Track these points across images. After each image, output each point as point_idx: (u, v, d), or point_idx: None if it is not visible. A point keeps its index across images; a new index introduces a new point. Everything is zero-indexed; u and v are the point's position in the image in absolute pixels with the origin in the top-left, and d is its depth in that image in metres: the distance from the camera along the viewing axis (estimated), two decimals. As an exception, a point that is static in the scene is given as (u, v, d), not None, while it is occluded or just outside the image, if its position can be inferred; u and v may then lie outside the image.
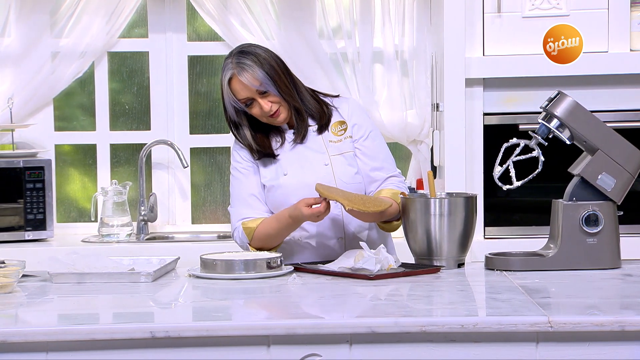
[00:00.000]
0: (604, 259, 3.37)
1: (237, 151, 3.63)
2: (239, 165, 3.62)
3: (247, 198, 3.59)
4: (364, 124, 3.64)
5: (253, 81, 3.46)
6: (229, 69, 3.49)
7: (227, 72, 3.49)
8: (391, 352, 2.64)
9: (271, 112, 3.50)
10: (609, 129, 3.41)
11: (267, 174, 3.59)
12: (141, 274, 3.23)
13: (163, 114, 5.16)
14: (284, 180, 3.56)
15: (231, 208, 3.63)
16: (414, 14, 4.96)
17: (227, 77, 3.49)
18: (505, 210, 4.68)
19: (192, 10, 5.11)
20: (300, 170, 3.56)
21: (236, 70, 3.47)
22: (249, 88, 3.47)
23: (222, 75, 3.51)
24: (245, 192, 3.60)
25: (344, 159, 3.59)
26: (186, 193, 5.18)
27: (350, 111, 3.64)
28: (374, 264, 3.27)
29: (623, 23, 4.57)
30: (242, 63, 3.48)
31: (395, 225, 3.59)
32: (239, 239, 3.59)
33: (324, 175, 3.54)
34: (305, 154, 3.58)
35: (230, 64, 3.49)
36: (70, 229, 5.13)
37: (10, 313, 2.84)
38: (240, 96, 3.49)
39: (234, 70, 3.47)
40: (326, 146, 3.60)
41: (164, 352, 2.62)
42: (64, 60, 5.01)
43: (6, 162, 4.76)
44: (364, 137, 3.62)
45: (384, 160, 3.64)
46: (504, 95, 4.64)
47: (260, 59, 3.48)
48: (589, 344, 2.64)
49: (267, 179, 3.58)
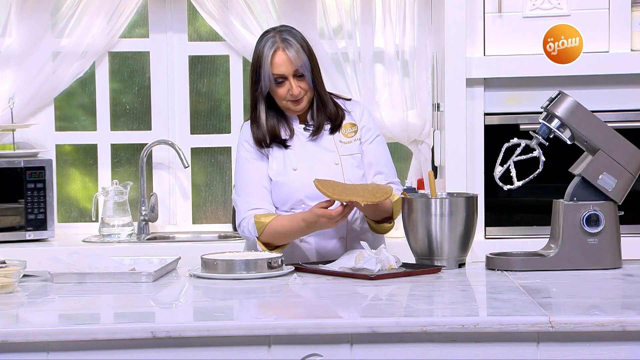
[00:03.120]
0: (604, 259, 3.37)
1: (247, 141, 3.61)
2: (248, 155, 3.60)
3: (257, 188, 3.56)
4: (372, 128, 3.67)
5: (297, 60, 3.48)
6: (273, 42, 3.49)
7: (271, 45, 3.49)
8: (392, 352, 2.64)
9: (298, 97, 3.51)
10: (610, 129, 3.42)
11: (275, 166, 3.57)
12: (142, 274, 3.24)
13: (164, 114, 5.16)
14: (293, 175, 3.55)
15: (238, 197, 3.59)
16: (415, 14, 4.96)
17: (271, 48, 3.48)
18: (506, 210, 4.67)
19: (192, 10, 5.10)
20: (310, 166, 3.56)
21: (283, 45, 3.49)
22: (290, 65, 3.48)
23: (262, 47, 3.50)
24: (256, 182, 3.57)
25: (353, 160, 3.60)
26: (187, 193, 5.18)
27: (361, 115, 3.67)
28: (374, 264, 3.28)
29: (624, 23, 4.57)
30: (288, 40, 3.50)
31: (387, 228, 3.59)
32: (247, 230, 3.54)
33: (334, 174, 3.54)
34: (316, 151, 3.59)
35: (273, 37, 3.50)
36: (71, 229, 5.13)
37: (11, 313, 2.84)
38: (277, 71, 3.49)
39: (280, 44, 3.48)
40: (337, 146, 3.61)
41: (165, 352, 2.62)
42: (65, 60, 5.01)
43: (7, 162, 4.76)
44: (369, 141, 3.65)
45: (385, 165, 3.67)
46: (505, 95, 4.64)
47: (304, 43, 3.54)
48: (589, 344, 2.64)
49: (274, 172, 3.57)
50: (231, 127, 5.17)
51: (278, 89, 3.51)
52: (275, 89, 3.51)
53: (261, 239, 3.52)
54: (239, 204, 3.59)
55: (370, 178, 3.63)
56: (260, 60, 3.51)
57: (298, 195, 3.53)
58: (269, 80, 3.50)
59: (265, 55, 3.49)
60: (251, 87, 3.57)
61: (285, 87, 3.50)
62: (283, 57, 3.49)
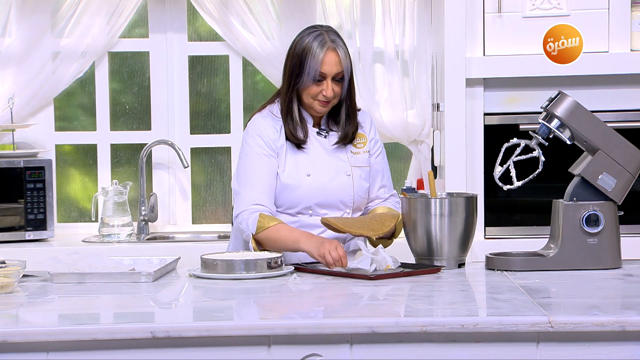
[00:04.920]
0: (604, 259, 3.37)
1: (260, 135, 3.56)
2: (259, 149, 3.55)
3: (264, 184, 3.52)
4: (378, 140, 3.70)
5: (344, 63, 3.51)
6: (323, 40, 3.49)
7: (322, 42, 3.48)
8: (392, 352, 2.64)
9: (328, 99, 3.51)
10: (610, 129, 3.41)
11: (288, 168, 3.54)
12: (142, 274, 3.24)
13: (163, 114, 5.16)
14: (306, 180, 3.54)
15: (241, 188, 3.54)
16: (415, 14, 4.96)
17: (323, 46, 3.48)
18: (506, 210, 4.67)
19: (192, 10, 5.10)
20: (324, 174, 3.54)
21: (334, 45, 3.50)
22: (337, 66, 3.49)
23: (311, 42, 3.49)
24: (264, 177, 3.53)
25: (362, 173, 3.61)
26: (187, 193, 5.18)
27: (370, 126, 3.69)
28: (369, 264, 3.28)
29: (623, 23, 4.57)
30: (338, 42, 3.52)
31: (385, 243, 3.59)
32: (245, 223, 3.49)
33: (344, 186, 3.55)
34: (330, 159, 3.57)
35: (322, 35, 3.50)
36: (70, 229, 5.13)
37: (11, 313, 2.84)
38: (324, 69, 3.49)
39: (331, 43, 3.49)
40: (348, 156, 3.60)
41: (165, 352, 2.62)
42: (64, 60, 5.01)
43: (7, 162, 4.76)
44: (376, 154, 3.66)
45: (387, 179, 3.71)
46: (505, 95, 4.64)
47: (348, 52, 3.55)
48: (589, 344, 2.64)
49: (286, 174, 3.54)
50: (231, 127, 5.17)
51: (314, 86, 3.50)
52: (311, 86, 3.50)
53: (256, 237, 3.50)
54: (241, 194, 3.53)
55: (375, 191, 3.66)
56: (307, 54, 3.49)
57: (309, 202, 3.52)
58: (313, 75, 3.50)
59: (315, 50, 3.48)
60: (289, 79, 3.53)
61: (321, 86, 3.50)
62: (334, 57, 3.49)
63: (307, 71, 3.48)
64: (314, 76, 3.48)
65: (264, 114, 3.61)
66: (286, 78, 3.55)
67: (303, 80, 3.49)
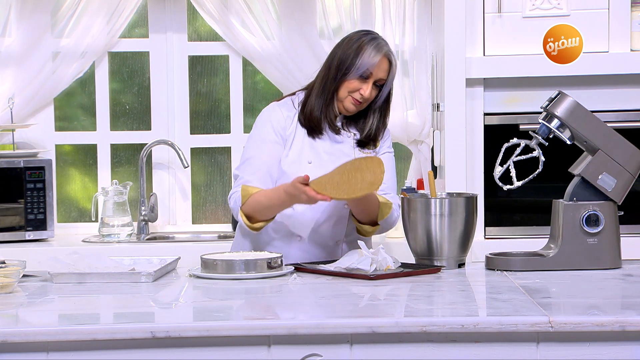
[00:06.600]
0: (604, 259, 3.37)
1: (272, 123, 3.60)
2: (268, 137, 3.58)
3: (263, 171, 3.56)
4: (387, 142, 3.69)
5: (391, 74, 3.55)
6: (380, 45, 3.53)
7: (379, 46, 3.51)
8: (392, 352, 2.64)
9: (363, 100, 3.53)
10: (610, 129, 3.42)
11: (291, 154, 3.57)
12: (142, 274, 3.24)
13: (163, 114, 5.16)
14: (307, 167, 3.54)
15: (239, 172, 3.59)
16: (415, 14, 4.96)
17: (380, 49, 3.51)
18: (506, 210, 4.67)
19: (192, 10, 5.11)
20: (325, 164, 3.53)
21: (389, 53, 3.55)
22: (384, 73, 3.53)
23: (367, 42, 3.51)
24: (264, 165, 3.57)
25: None
26: (187, 193, 5.18)
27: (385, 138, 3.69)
28: (369, 264, 3.28)
29: (623, 23, 4.57)
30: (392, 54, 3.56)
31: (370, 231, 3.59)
32: (233, 201, 3.56)
33: None
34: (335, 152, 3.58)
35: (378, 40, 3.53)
36: (70, 229, 5.13)
37: (11, 313, 2.84)
38: (374, 70, 3.51)
39: (388, 51, 3.54)
40: (355, 155, 3.59)
41: (165, 352, 2.62)
42: (64, 61, 5.01)
43: (7, 162, 4.76)
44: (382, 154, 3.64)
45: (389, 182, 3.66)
46: (505, 95, 4.64)
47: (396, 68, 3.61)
48: (589, 344, 2.64)
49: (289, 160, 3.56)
50: (231, 127, 5.17)
51: (356, 82, 3.51)
52: (354, 80, 3.52)
53: (243, 209, 3.52)
54: (238, 178, 3.59)
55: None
56: (363, 52, 3.50)
57: None
58: (362, 71, 3.51)
59: (370, 51, 3.50)
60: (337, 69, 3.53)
61: (363, 84, 3.52)
62: (386, 64, 3.53)
63: (358, 65, 3.51)
64: (363, 72, 3.50)
65: (282, 102, 3.66)
66: (332, 68, 3.55)
67: (351, 72, 3.51)
